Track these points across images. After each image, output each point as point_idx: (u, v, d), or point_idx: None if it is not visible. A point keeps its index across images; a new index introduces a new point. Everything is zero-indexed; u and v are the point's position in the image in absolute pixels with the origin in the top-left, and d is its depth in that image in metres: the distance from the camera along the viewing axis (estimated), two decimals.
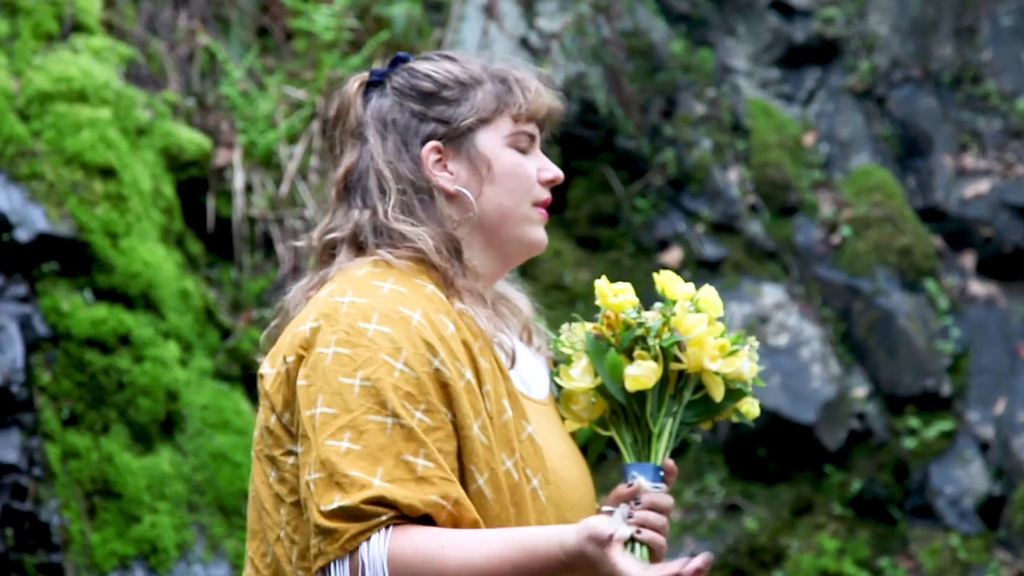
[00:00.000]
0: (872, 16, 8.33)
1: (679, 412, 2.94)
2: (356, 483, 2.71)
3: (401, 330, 2.78)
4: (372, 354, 2.77)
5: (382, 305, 2.81)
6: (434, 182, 2.95)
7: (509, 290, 3.10)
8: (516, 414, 2.86)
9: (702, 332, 2.90)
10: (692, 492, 7.22)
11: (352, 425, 2.74)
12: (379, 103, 3.00)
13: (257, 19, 7.49)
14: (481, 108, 2.97)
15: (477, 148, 2.96)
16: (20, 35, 6.36)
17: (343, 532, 2.71)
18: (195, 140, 6.62)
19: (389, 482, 2.71)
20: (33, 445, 5.62)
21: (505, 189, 2.96)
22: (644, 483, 2.91)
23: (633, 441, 2.96)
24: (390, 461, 2.72)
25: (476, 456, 2.78)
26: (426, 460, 2.73)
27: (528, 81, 3.00)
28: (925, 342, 7.51)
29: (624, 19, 7.82)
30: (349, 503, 2.70)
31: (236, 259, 6.74)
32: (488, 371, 2.84)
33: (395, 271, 2.88)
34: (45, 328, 5.81)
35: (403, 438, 2.73)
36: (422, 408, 2.75)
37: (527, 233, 2.99)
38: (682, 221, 7.68)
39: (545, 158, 3.02)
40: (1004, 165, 7.97)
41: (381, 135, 2.98)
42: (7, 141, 6.02)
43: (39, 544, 5.52)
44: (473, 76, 2.99)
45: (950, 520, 7.23)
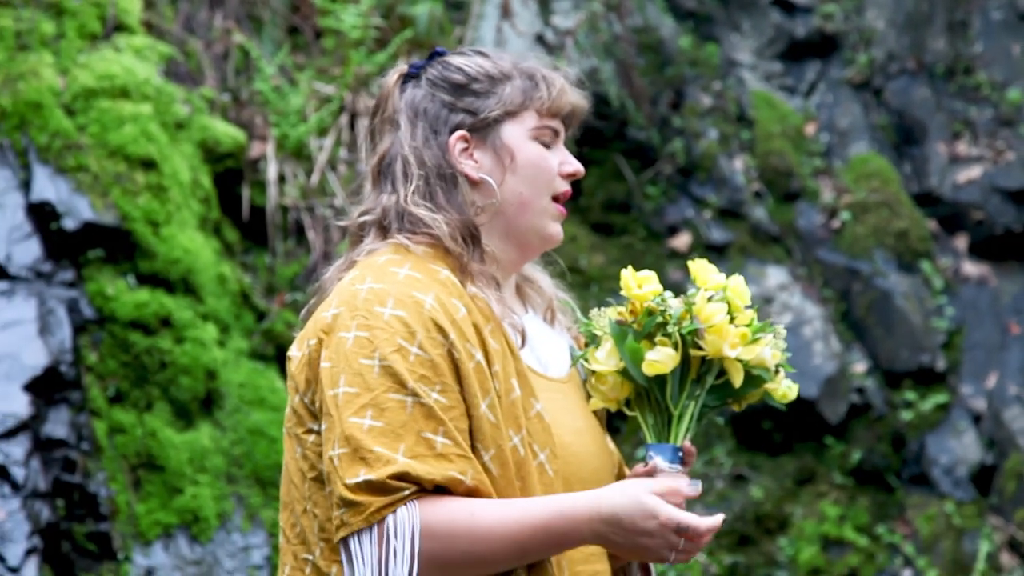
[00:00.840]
0: (869, 11, 8.31)
1: (701, 396, 2.93)
2: (381, 458, 2.71)
3: (415, 314, 2.78)
4: (389, 336, 2.77)
5: (397, 290, 2.81)
6: (459, 169, 2.95)
7: (535, 272, 3.11)
8: (525, 392, 2.85)
9: (721, 321, 2.89)
10: (701, 463, 7.23)
11: (374, 403, 2.74)
12: (413, 93, 3.01)
13: (288, 18, 7.50)
14: (508, 101, 2.97)
15: (502, 139, 2.97)
16: (66, 35, 6.37)
17: (368, 505, 2.71)
18: (231, 133, 6.63)
19: (411, 458, 2.71)
20: (81, 421, 5.63)
21: (526, 179, 2.97)
22: (661, 463, 2.90)
23: (655, 423, 2.95)
24: (411, 438, 2.72)
25: (483, 434, 2.78)
26: (444, 438, 2.73)
27: (554, 79, 3.00)
28: (921, 320, 7.50)
29: (635, 16, 7.81)
30: (375, 477, 2.70)
31: (270, 245, 6.75)
32: (498, 352, 2.84)
33: (412, 257, 2.88)
34: (91, 311, 5.82)
35: (423, 416, 2.74)
36: (438, 388, 2.75)
37: (544, 226, 2.98)
38: (690, 207, 7.67)
39: (568, 153, 3.02)
40: (995, 152, 7.96)
41: (411, 123, 2.99)
42: (54, 135, 6.03)
43: (88, 514, 5.53)
44: (503, 71, 2.99)
45: (945, 488, 7.22)
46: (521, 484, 2.81)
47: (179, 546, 5.65)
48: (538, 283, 3.10)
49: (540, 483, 2.83)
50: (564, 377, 3.01)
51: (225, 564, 5.70)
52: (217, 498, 5.78)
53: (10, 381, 5.51)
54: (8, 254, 5.76)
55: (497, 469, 2.79)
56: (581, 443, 2.94)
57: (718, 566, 7.02)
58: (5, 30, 6.21)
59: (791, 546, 7.09)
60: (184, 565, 5.63)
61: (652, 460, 2.91)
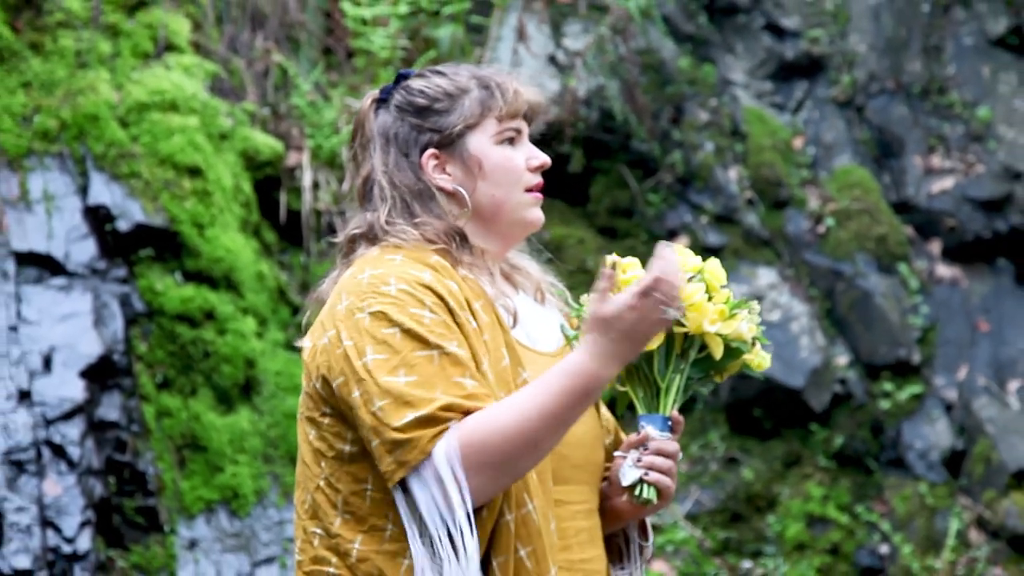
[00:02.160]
0: (852, 36, 8.27)
1: (686, 369, 2.92)
2: (424, 399, 2.68)
3: (416, 286, 2.77)
4: (402, 307, 2.75)
5: (396, 271, 2.80)
6: (434, 184, 2.93)
7: (521, 259, 3.08)
8: (513, 362, 2.83)
9: (700, 299, 2.87)
10: (697, 447, 7.19)
11: (404, 363, 2.71)
12: (383, 119, 2.99)
13: (323, 40, 7.47)
14: (468, 115, 2.94)
15: (469, 150, 2.94)
16: (121, 54, 6.35)
17: (420, 438, 2.67)
18: (270, 144, 6.60)
19: (450, 396, 2.69)
20: (132, 405, 5.61)
21: (496, 182, 2.94)
22: (652, 431, 2.89)
23: (644, 395, 2.93)
24: (444, 384, 2.70)
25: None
26: (471, 379, 2.72)
27: (507, 84, 2.96)
28: (898, 317, 7.46)
29: (638, 39, 7.78)
30: (424, 412, 2.67)
31: (305, 246, 6.73)
32: (488, 324, 2.83)
33: (404, 250, 2.87)
34: (142, 305, 5.81)
35: (450, 364, 2.72)
36: (455, 343, 2.74)
37: (523, 216, 2.96)
38: (688, 213, 7.64)
39: (533, 148, 2.99)
40: (966, 165, 7.92)
41: (384, 149, 2.97)
42: (110, 145, 6.01)
43: (137, 490, 5.52)
44: (459, 87, 2.96)
45: (919, 471, 7.18)
46: None
47: (220, 520, 5.63)
48: (526, 269, 3.06)
49: None
50: (553, 351, 2.97)
51: (262, 537, 5.68)
52: (255, 476, 5.75)
53: (67, 368, 5.49)
54: (67, 252, 5.74)
55: None
56: None
57: (712, 541, 6.98)
58: (66, 49, 6.19)
59: (779, 523, 7.05)
60: (224, 537, 5.60)
61: (644, 429, 2.90)
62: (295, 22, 7.31)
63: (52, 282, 5.67)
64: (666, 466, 2.88)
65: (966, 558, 6.93)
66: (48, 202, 5.83)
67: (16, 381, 5.39)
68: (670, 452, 2.89)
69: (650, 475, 2.86)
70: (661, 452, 2.88)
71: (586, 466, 2.90)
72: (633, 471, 2.86)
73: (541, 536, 2.77)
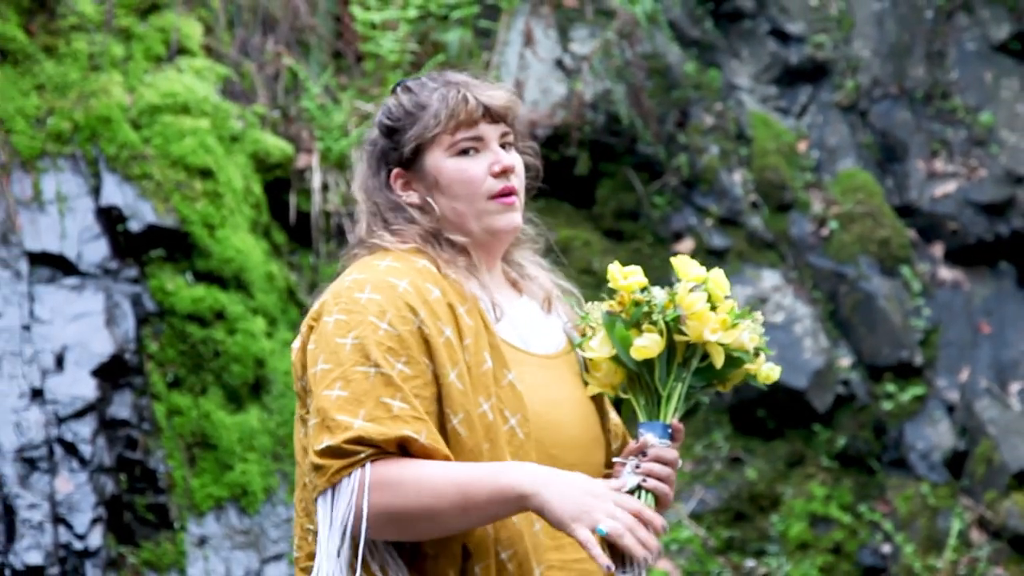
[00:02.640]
0: (856, 42, 8.27)
1: (687, 378, 2.92)
2: (341, 425, 2.71)
3: (388, 296, 2.79)
4: (362, 317, 2.78)
5: (375, 277, 2.82)
6: (404, 202, 2.95)
7: (534, 269, 3.08)
8: (497, 364, 2.84)
9: (702, 308, 2.88)
10: (701, 447, 7.20)
11: (342, 376, 2.75)
12: (369, 134, 3.03)
13: (333, 44, 7.48)
14: (417, 135, 2.93)
15: (426, 167, 2.94)
16: (133, 57, 6.36)
17: (329, 468, 2.71)
18: (280, 146, 6.62)
19: (369, 422, 2.71)
20: (143, 404, 5.62)
21: (455, 196, 2.93)
22: (651, 439, 2.90)
23: (646, 403, 2.94)
24: (371, 403, 2.72)
25: (452, 400, 2.77)
26: (401, 402, 2.73)
27: (452, 96, 2.93)
28: (900, 320, 7.47)
29: (644, 44, 7.79)
30: (334, 442, 2.70)
31: (314, 247, 6.74)
32: (471, 328, 2.84)
33: (392, 252, 2.90)
34: (153, 305, 5.82)
35: (383, 384, 2.74)
36: (403, 360, 2.75)
37: (489, 224, 2.95)
38: (693, 216, 7.64)
39: (497, 152, 2.95)
40: (968, 169, 7.92)
41: (366, 164, 3.01)
42: (122, 146, 6.02)
43: (148, 487, 5.53)
44: (420, 103, 2.95)
45: (921, 471, 7.19)
46: (489, 446, 2.80)
47: (229, 517, 5.64)
48: (537, 278, 3.06)
49: (510, 445, 2.81)
50: (551, 354, 2.97)
51: (271, 534, 5.69)
52: (264, 474, 5.77)
53: (79, 367, 5.50)
54: (79, 253, 5.76)
55: (465, 431, 2.77)
56: (558, 413, 2.90)
57: (716, 540, 6.98)
58: (80, 52, 6.21)
59: (782, 522, 7.06)
60: (234, 534, 5.62)
61: (643, 436, 2.91)
62: (305, 26, 7.32)
63: (64, 282, 5.69)
64: (664, 473, 2.88)
65: (968, 558, 6.94)
66: (61, 203, 5.85)
67: (29, 379, 5.41)
68: (668, 460, 2.89)
69: (648, 482, 2.86)
70: (659, 459, 2.88)
71: (581, 467, 2.88)
72: (632, 478, 2.86)
73: (523, 539, 2.79)
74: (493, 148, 2.95)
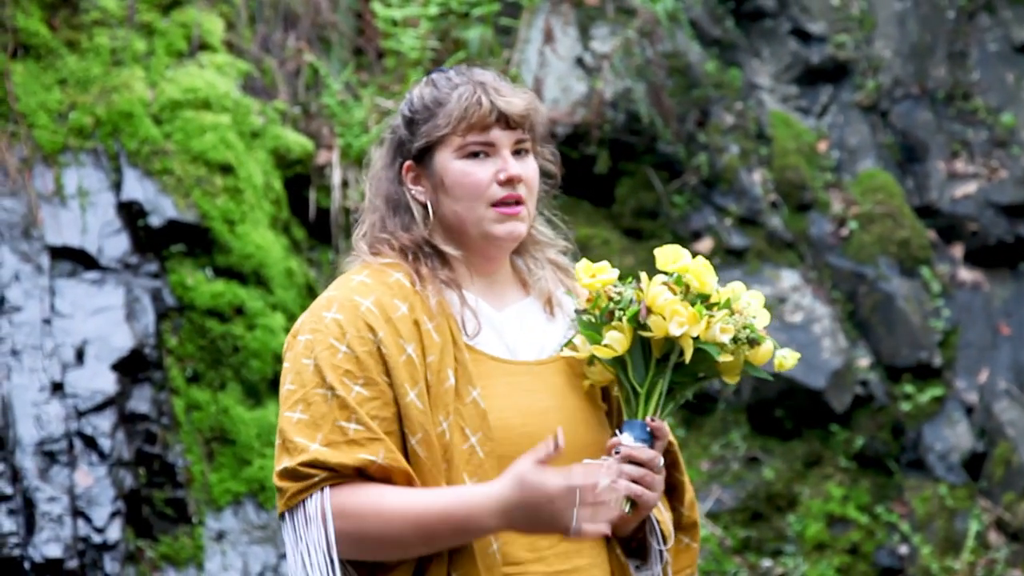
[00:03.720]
0: (877, 42, 8.26)
1: (667, 374, 2.84)
2: (298, 447, 2.72)
3: (350, 316, 2.79)
4: (324, 338, 2.79)
5: (342, 295, 2.83)
6: (410, 195, 2.93)
7: (540, 268, 3.02)
8: (462, 381, 2.81)
9: (664, 302, 2.80)
10: (718, 446, 7.19)
11: (303, 398, 2.76)
12: (392, 122, 3.01)
13: (354, 40, 7.49)
14: (428, 133, 2.90)
15: (434, 166, 2.91)
16: (155, 52, 6.37)
17: (287, 490, 2.73)
18: (300, 142, 6.62)
19: (325, 446, 2.71)
20: (162, 398, 5.63)
21: (457, 198, 2.89)
22: (625, 438, 2.81)
23: (626, 401, 2.87)
24: (327, 427, 2.72)
25: (410, 420, 2.76)
26: (357, 424, 2.72)
27: (466, 98, 2.88)
28: (920, 320, 7.45)
29: (665, 43, 7.78)
30: (290, 464, 2.72)
31: (333, 243, 6.74)
32: (437, 345, 2.81)
33: (370, 267, 2.89)
34: (173, 300, 5.83)
35: (338, 407, 2.74)
36: (360, 382, 2.75)
37: (487, 231, 2.90)
38: (713, 215, 7.64)
39: (506, 160, 2.90)
40: (989, 170, 7.91)
41: (381, 151, 3.00)
42: (143, 142, 6.03)
43: (166, 482, 5.54)
44: (439, 99, 2.91)
45: (939, 473, 7.17)
46: (447, 466, 2.77)
47: (247, 512, 5.65)
48: (542, 278, 3.01)
49: (469, 464, 2.78)
50: (544, 359, 2.93)
51: None
52: None
53: (99, 361, 5.52)
54: (100, 247, 5.77)
55: (424, 451, 2.76)
56: (535, 423, 2.84)
57: (733, 540, 6.98)
58: (102, 47, 6.22)
59: (799, 522, 7.05)
60: (251, 529, 5.62)
61: (619, 435, 2.82)
62: (327, 22, 7.33)
63: (85, 276, 5.70)
64: (637, 474, 2.79)
65: (985, 560, 6.92)
66: (82, 197, 5.86)
67: (49, 373, 5.43)
68: (642, 459, 2.80)
69: (618, 483, 2.75)
70: (631, 459, 2.79)
71: None
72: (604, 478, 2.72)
73: (475, 559, 2.76)
74: (504, 155, 2.90)
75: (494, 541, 2.77)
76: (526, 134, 2.92)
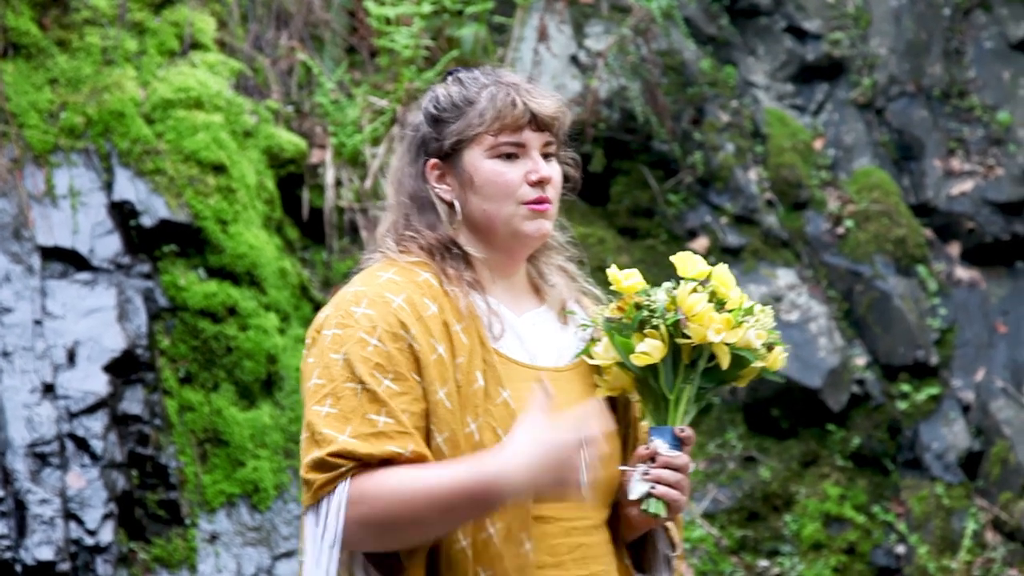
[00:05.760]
0: (873, 39, 8.25)
1: (695, 380, 2.88)
2: (327, 439, 2.72)
3: (382, 312, 2.79)
4: (354, 332, 2.78)
5: (372, 291, 2.82)
6: (435, 193, 2.93)
7: (554, 275, 3.04)
8: (492, 382, 2.82)
9: (703, 309, 2.83)
10: (714, 445, 7.18)
11: (332, 392, 2.75)
12: (415, 118, 3.00)
13: (347, 39, 7.47)
14: (459, 131, 2.90)
15: (463, 164, 2.91)
16: (147, 52, 6.36)
17: (315, 481, 2.72)
18: (293, 141, 6.61)
19: (354, 437, 2.71)
20: (154, 400, 5.62)
21: (487, 197, 2.90)
22: (660, 445, 2.86)
23: (654, 408, 2.90)
24: (357, 420, 2.72)
25: (438, 418, 2.76)
26: (387, 417, 2.72)
27: (502, 99, 2.90)
28: (916, 319, 7.44)
29: (660, 41, 7.77)
30: (319, 455, 2.71)
31: (327, 243, 6.73)
32: (466, 347, 2.82)
33: (397, 264, 2.89)
34: (165, 300, 5.81)
35: (368, 400, 2.73)
36: (390, 377, 2.75)
37: (516, 229, 2.92)
38: (708, 214, 7.63)
39: (537, 161, 2.92)
40: (985, 168, 7.90)
41: (401, 150, 2.99)
42: (135, 141, 6.02)
43: (159, 483, 5.52)
44: (468, 98, 2.92)
45: (936, 472, 7.17)
46: None
47: (241, 514, 5.64)
48: (556, 285, 3.03)
49: None
50: (562, 367, 2.94)
51: (282, 530, 5.68)
52: (275, 471, 5.76)
53: (91, 362, 5.50)
54: (91, 248, 5.76)
55: (449, 450, 2.76)
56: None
57: (729, 539, 6.97)
58: (93, 47, 6.20)
59: (795, 522, 7.04)
60: (245, 531, 5.61)
61: (653, 442, 2.87)
62: (319, 21, 7.32)
63: (77, 277, 5.69)
64: (674, 479, 2.85)
65: (982, 559, 6.91)
66: (73, 198, 5.85)
67: (40, 375, 5.41)
68: (678, 465, 2.86)
69: (657, 489, 2.84)
70: (669, 465, 2.85)
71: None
72: (641, 485, 2.84)
73: (503, 559, 2.76)
74: (534, 156, 2.93)
75: (527, 541, 2.78)
76: (553, 137, 2.96)
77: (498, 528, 2.76)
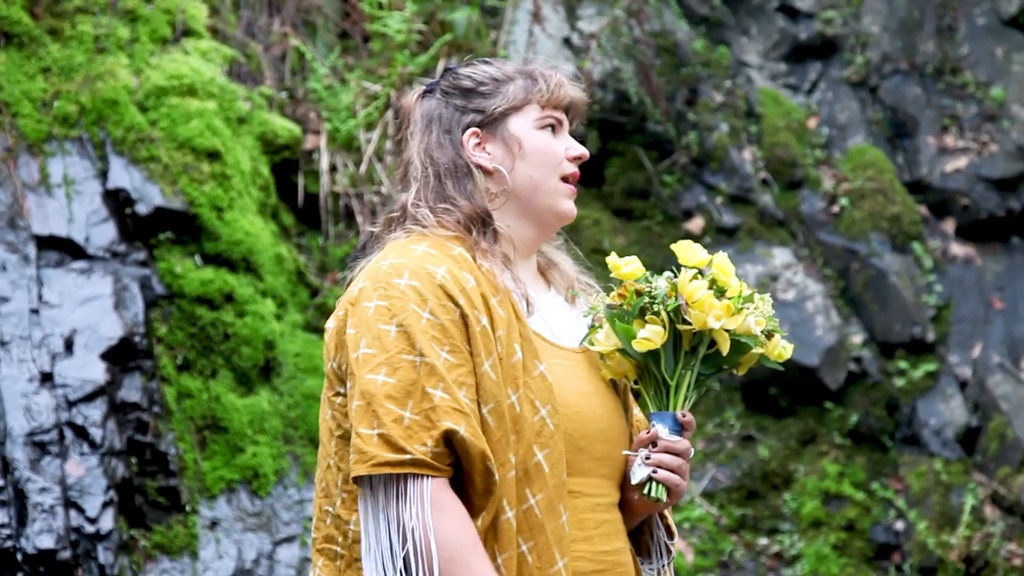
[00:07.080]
0: (865, 17, 8.24)
1: (696, 366, 2.91)
2: (389, 414, 2.72)
3: (427, 284, 2.80)
4: (404, 304, 2.78)
5: (412, 263, 2.82)
6: (474, 161, 2.96)
7: (558, 256, 3.10)
8: (528, 355, 2.85)
9: (703, 296, 2.86)
10: (713, 425, 7.18)
11: (388, 362, 2.75)
12: (427, 104, 3.03)
13: (340, 24, 7.46)
14: (512, 97, 2.98)
15: (509, 130, 2.97)
16: (139, 39, 6.34)
17: (372, 456, 2.72)
18: (287, 127, 6.60)
19: (416, 414, 2.72)
20: (153, 387, 5.62)
21: (535, 164, 2.97)
22: (661, 430, 2.89)
23: (655, 393, 2.93)
24: (418, 394, 2.73)
25: (484, 389, 2.78)
26: (444, 392, 2.73)
27: (551, 76, 3.02)
28: (912, 296, 7.44)
29: (653, 21, 7.75)
30: (383, 432, 2.72)
31: (323, 229, 6.73)
32: (503, 319, 2.84)
33: (430, 238, 2.90)
34: (162, 288, 5.81)
35: (427, 373, 2.74)
36: (447, 349, 2.76)
37: (556, 204, 2.99)
38: (703, 194, 7.62)
39: (572, 140, 3.03)
40: (979, 144, 7.89)
41: (426, 129, 3.01)
42: (129, 129, 6.01)
43: (159, 470, 5.52)
44: (506, 74, 3.01)
45: (934, 448, 7.17)
46: (516, 437, 2.79)
47: (241, 500, 5.64)
48: (561, 266, 3.08)
49: (539, 436, 2.81)
50: (576, 348, 2.98)
51: (282, 516, 5.68)
52: (275, 456, 5.76)
53: (89, 351, 5.50)
54: (87, 236, 5.75)
55: (494, 421, 2.77)
56: (587, 405, 2.91)
57: (728, 518, 6.97)
58: (85, 35, 6.19)
59: (795, 500, 7.04)
60: (245, 517, 5.61)
61: (654, 427, 2.90)
62: (311, 6, 7.30)
63: (73, 265, 5.68)
64: (675, 464, 2.89)
65: (981, 534, 6.92)
66: (68, 186, 5.84)
67: (38, 363, 5.40)
68: (679, 450, 2.90)
69: (659, 473, 2.88)
70: (670, 450, 2.89)
71: (607, 460, 2.90)
72: (642, 469, 2.87)
73: (544, 530, 2.78)
74: (567, 135, 3.03)
75: (566, 511, 2.81)
76: (570, 124, 3.06)
77: (539, 499, 2.78)
